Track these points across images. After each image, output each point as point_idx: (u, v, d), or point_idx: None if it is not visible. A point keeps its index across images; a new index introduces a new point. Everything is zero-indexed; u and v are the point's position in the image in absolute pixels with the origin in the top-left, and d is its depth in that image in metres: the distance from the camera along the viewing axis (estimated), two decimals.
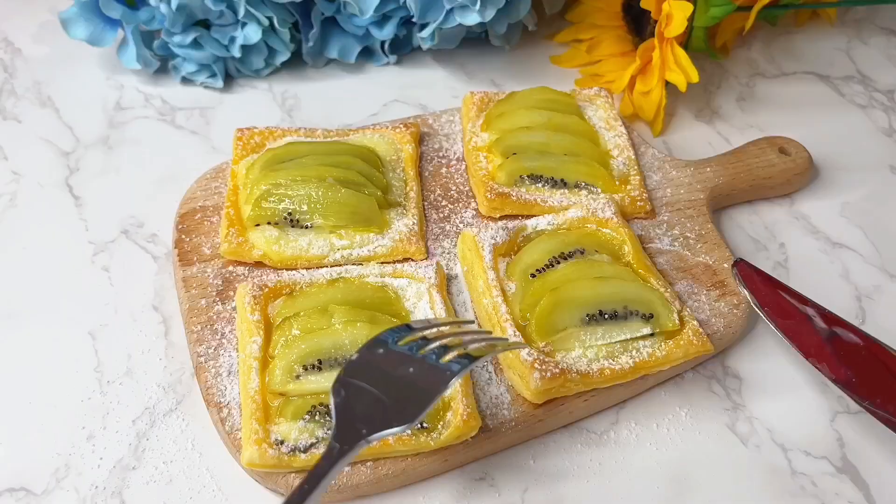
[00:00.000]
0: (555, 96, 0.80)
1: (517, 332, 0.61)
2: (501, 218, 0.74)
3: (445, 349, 0.52)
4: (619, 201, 0.73)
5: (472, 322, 0.61)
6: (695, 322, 0.64)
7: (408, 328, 0.54)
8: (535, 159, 0.74)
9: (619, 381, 0.62)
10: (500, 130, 0.77)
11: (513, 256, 0.68)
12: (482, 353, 0.52)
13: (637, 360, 0.62)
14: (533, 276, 0.65)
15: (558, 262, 0.66)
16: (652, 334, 0.63)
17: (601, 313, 0.62)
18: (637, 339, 0.63)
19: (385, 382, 0.50)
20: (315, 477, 0.46)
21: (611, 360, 0.62)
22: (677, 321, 0.64)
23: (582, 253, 0.67)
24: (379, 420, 0.48)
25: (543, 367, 0.59)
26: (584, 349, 0.62)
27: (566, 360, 0.61)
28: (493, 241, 0.67)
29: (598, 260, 0.67)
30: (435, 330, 0.54)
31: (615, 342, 0.62)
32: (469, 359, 0.52)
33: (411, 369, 0.51)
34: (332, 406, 0.49)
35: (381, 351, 0.52)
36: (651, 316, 0.63)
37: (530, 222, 0.70)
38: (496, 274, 0.65)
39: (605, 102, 0.83)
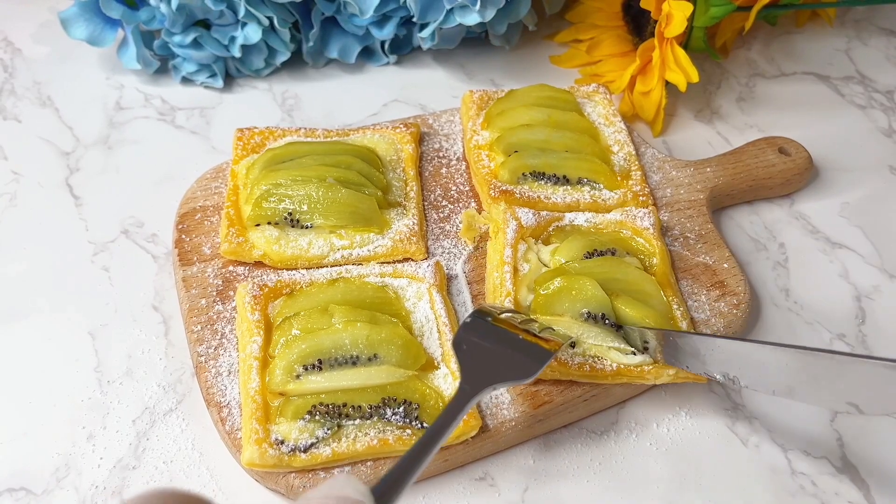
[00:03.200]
0: (554, 93, 0.80)
1: None
2: None
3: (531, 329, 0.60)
4: (620, 197, 0.74)
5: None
6: None
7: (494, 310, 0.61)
8: (536, 157, 0.74)
9: (597, 381, 0.62)
10: (501, 128, 0.77)
11: (540, 242, 0.69)
12: (565, 338, 0.61)
13: (622, 366, 0.62)
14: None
15: (591, 257, 0.67)
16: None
17: (603, 317, 0.62)
18: (629, 352, 0.62)
19: (500, 343, 0.57)
20: (449, 414, 0.51)
21: (595, 360, 0.62)
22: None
23: (613, 253, 0.67)
24: (500, 372, 0.55)
25: None
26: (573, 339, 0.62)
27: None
28: (519, 222, 0.68)
29: (629, 262, 0.67)
30: (521, 316, 0.62)
31: (606, 346, 0.62)
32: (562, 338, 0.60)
33: (520, 336, 0.58)
34: (457, 356, 0.56)
35: (489, 319, 0.59)
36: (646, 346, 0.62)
37: (569, 215, 0.71)
38: (513, 252, 0.67)
39: (604, 99, 0.83)
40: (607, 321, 0.62)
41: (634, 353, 0.62)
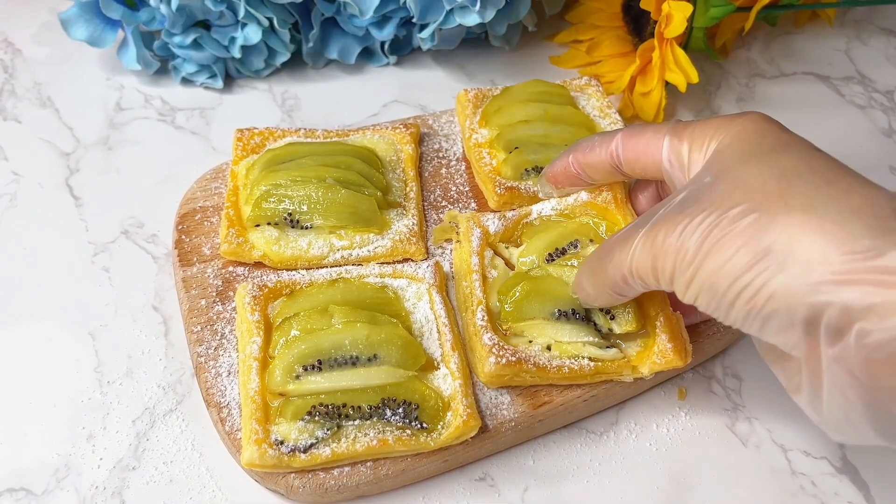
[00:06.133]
0: (548, 88, 0.80)
1: (485, 317, 0.62)
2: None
3: None
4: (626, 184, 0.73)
5: None
6: (664, 336, 0.61)
7: None
8: (537, 152, 0.74)
9: (577, 381, 0.62)
10: (499, 126, 0.77)
11: (511, 246, 0.69)
12: None
13: (599, 363, 0.62)
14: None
15: (552, 258, 0.66)
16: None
17: (573, 312, 0.63)
18: (604, 345, 0.63)
19: None
20: None
21: (572, 360, 0.62)
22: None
23: (576, 247, 0.67)
24: None
25: (500, 353, 0.60)
26: (548, 343, 0.62)
27: (526, 351, 0.61)
28: (485, 230, 0.68)
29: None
30: None
31: (581, 342, 0.62)
32: None
33: None
34: None
35: None
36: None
37: (535, 207, 0.71)
38: (480, 260, 0.66)
39: (597, 91, 0.83)
40: (577, 315, 0.63)
41: (610, 347, 0.62)
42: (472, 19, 0.82)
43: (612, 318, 0.62)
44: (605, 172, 0.64)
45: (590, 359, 0.62)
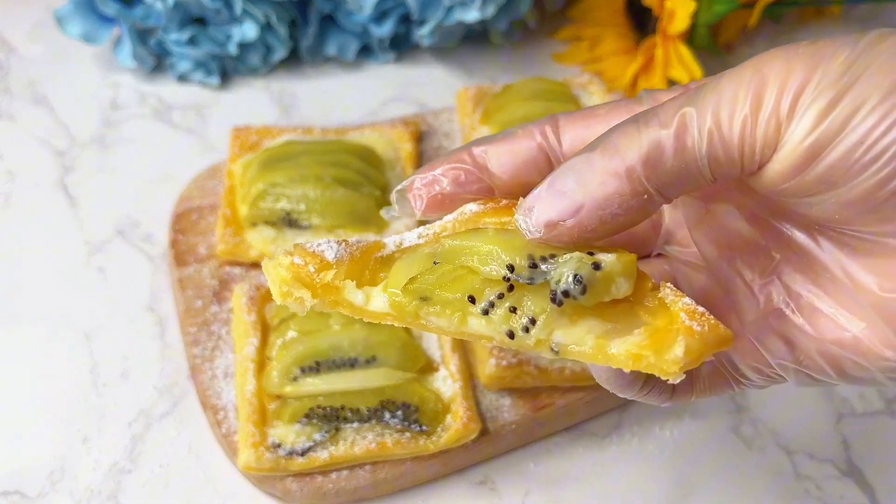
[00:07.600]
0: (550, 86, 0.79)
1: None
2: None
3: None
4: None
5: None
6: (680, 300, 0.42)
7: None
8: None
9: (579, 383, 0.61)
10: (500, 123, 0.76)
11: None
12: None
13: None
14: None
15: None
16: None
17: None
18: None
19: None
20: None
21: (574, 361, 0.61)
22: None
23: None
24: None
25: (501, 354, 0.59)
26: None
27: (529, 353, 0.60)
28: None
29: None
30: None
31: None
32: None
33: None
34: None
35: None
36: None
37: (390, 240, 0.43)
38: None
39: (599, 89, 0.82)
40: None
41: None
42: (472, 15, 0.81)
43: (597, 266, 0.33)
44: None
45: None
